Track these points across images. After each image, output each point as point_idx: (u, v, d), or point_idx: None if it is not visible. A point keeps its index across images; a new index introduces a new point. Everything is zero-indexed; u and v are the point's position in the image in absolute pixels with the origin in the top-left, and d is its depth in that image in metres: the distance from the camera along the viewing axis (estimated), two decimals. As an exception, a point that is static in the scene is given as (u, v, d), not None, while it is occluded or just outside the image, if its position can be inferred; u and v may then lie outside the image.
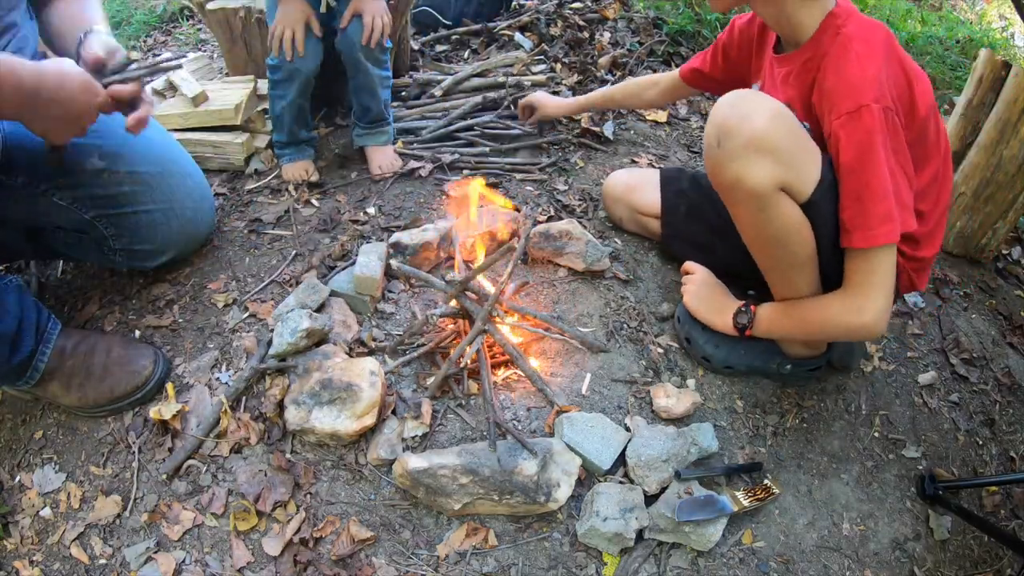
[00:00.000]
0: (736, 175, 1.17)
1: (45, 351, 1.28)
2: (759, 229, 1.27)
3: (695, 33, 2.98)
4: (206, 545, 1.21)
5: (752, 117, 1.14)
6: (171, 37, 3.45)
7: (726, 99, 1.20)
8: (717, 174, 1.22)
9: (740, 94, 1.20)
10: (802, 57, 1.28)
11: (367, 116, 2.00)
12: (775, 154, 1.15)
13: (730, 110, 1.17)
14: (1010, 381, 1.81)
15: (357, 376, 1.27)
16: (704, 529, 1.23)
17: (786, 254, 1.28)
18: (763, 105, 1.16)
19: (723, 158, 1.18)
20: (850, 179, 1.18)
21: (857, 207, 1.18)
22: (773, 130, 1.14)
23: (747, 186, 1.17)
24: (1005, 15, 5.47)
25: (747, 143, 1.14)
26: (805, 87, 1.27)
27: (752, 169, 1.15)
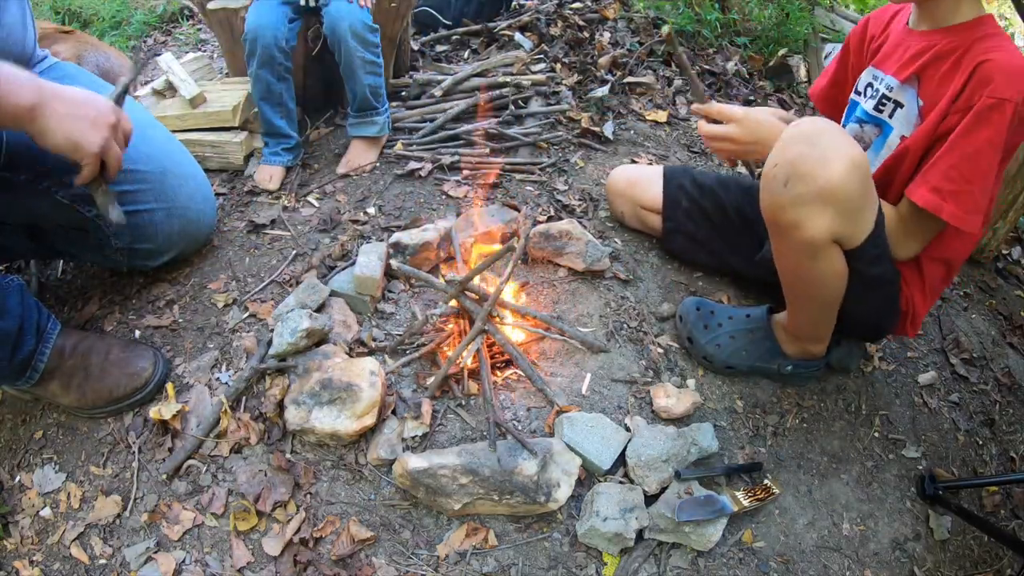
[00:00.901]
0: (796, 221, 1.12)
1: (45, 351, 1.28)
2: (799, 271, 1.25)
3: (695, 33, 2.98)
4: (206, 545, 1.21)
5: (830, 164, 1.06)
6: (171, 37, 3.45)
7: (803, 132, 1.11)
8: (775, 213, 1.16)
9: (819, 128, 1.11)
10: (954, 34, 1.24)
11: (354, 103, 2.00)
12: (842, 207, 1.09)
13: (808, 149, 1.08)
14: (1010, 381, 1.81)
15: (357, 376, 1.27)
16: (704, 529, 1.23)
17: (817, 294, 1.28)
18: (843, 150, 1.08)
19: (787, 202, 1.11)
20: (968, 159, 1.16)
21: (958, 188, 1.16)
22: (848, 182, 1.07)
23: (806, 235, 1.12)
24: (1005, 15, 5.48)
25: (819, 193, 1.07)
26: (952, 58, 1.22)
27: (815, 220, 1.10)
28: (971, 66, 1.17)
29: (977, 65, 1.16)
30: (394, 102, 2.36)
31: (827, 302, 1.30)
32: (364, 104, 1.99)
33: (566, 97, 2.38)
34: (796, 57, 3.13)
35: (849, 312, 1.33)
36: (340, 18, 1.85)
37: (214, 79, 2.35)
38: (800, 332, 1.43)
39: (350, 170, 2.01)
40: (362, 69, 1.93)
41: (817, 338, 1.44)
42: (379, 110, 2.03)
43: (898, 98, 1.32)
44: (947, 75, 1.23)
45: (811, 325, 1.40)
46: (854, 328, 1.43)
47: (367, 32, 1.90)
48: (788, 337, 1.46)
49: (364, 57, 1.92)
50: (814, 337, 1.43)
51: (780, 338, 1.47)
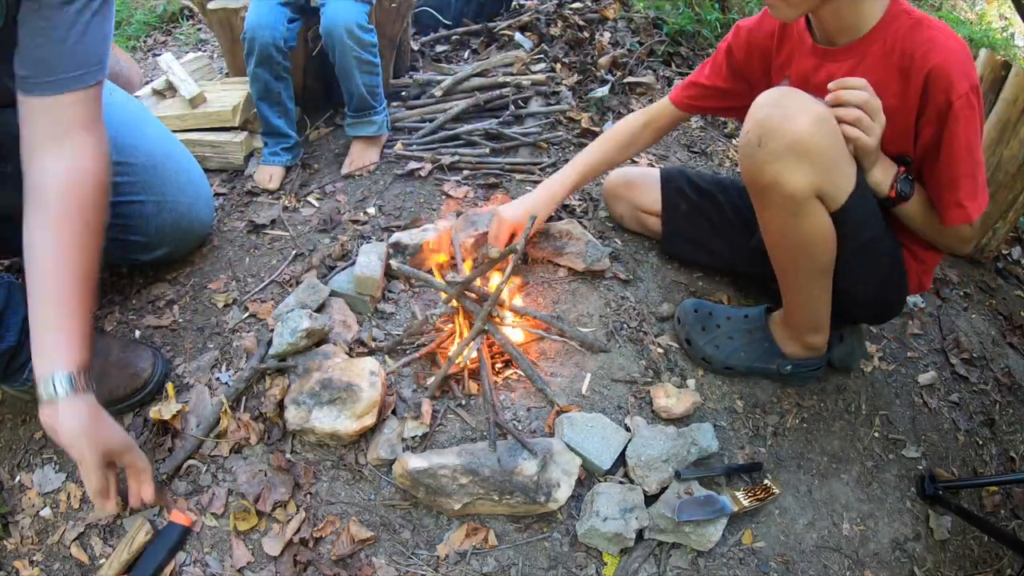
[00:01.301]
0: (774, 177, 1.15)
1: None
2: (787, 234, 1.26)
3: (695, 33, 2.98)
4: (206, 545, 1.21)
5: (796, 118, 1.10)
6: (171, 37, 3.45)
7: (769, 96, 1.16)
8: (754, 174, 1.19)
9: (783, 91, 1.16)
10: (875, 45, 1.22)
11: (351, 103, 2.00)
12: (816, 159, 1.12)
13: (773, 109, 1.13)
14: (1010, 381, 1.81)
15: (357, 376, 1.27)
16: (704, 529, 1.23)
17: (807, 260, 1.28)
18: (807, 106, 1.12)
19: (763, 159, 1.15)
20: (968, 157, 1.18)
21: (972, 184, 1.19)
22: (817, 134, 1.11)
23: (785, 190, 1.15)
24: (1005, 15, 5.48)
25: (789, 145, 1.11)
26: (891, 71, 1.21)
27: (792, 173, 1.13)
28: (921, 75, 1.17)
29: (928, 74, 1.16)
30: (394, 102, 2.36)
31: (818, 267, 1.28)
32: (362, 104, 1.99)
33: (566, 97, 2.38)
34: (796, 57, 3.13)
35: (852, 289, 1.32)
36: (336, 18, 1.85)
37: (214, 79, 2.35)
38: (797, 320, 1.42)
39: (353, 171, 2.01)
40: (358, 69, 1.93)
41: (816, 326, 1.41)
42: (377, 109, 2.03)
43: None
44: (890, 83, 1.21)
45: (808, 307, 1.38)
46: (861, 308, 1.42)
47: (362, 32, 1.90)
48: (787, 336, 1.45)
49: (360, 57, 1.92)
50: (812, 326, 1.41)
51: (779, 338, 1.47)
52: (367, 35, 1.92)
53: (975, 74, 1.15)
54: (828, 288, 1.32)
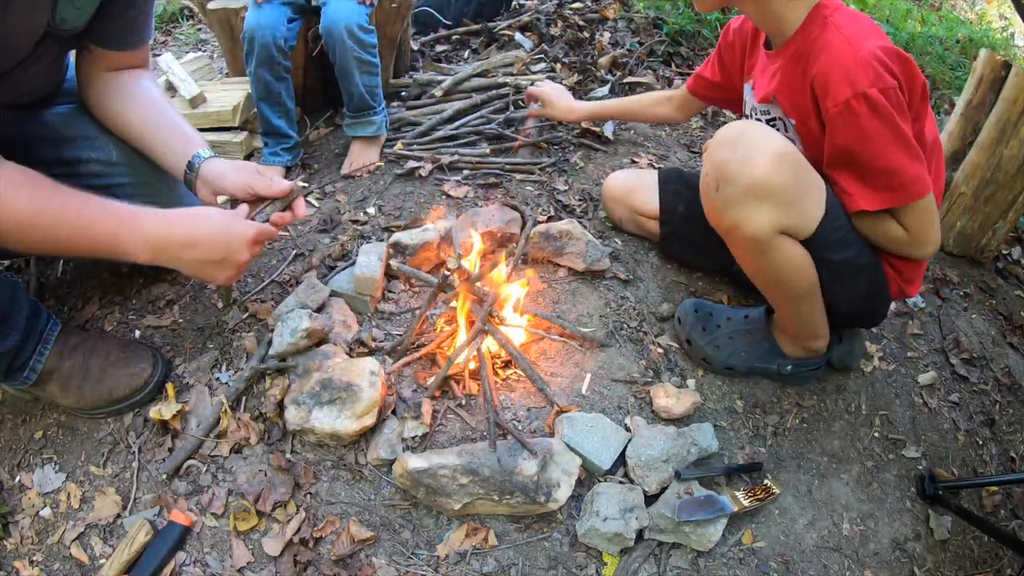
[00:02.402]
0: (734, 222, 1.15)
1: (44, 351, 1.28)
2: (759, 269, 1.27)
3: (695, 33, 2.98)
4: (206, 545, 1.21)
5: (753, 160, 1.09)
6: (171, 37, 3.45)
7: (725, 136, 1.15)
8: (715, 218, 1.20)
9: (740, 130, 1.15)
10: (790, 49, 1.25)
11: (351, 104, 2.00)
12: (776, 199, 1.11)
13: (730, 152, 1.12)
14: (1010, 381, 1.81)
15: (357, 376, 1.27)
16: (704, 529, 1.23)
17: (788, 288, 1.29)
18: (765, 146, 1.11)
19: (721, 204, 1.15)
20: (845, 160, 1.18)
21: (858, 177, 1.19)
22: (775, 174, 1.10)
23: (747, 233, 1.15)
24: (1005, 15, 5.48)
25: (746, 190, 1.10)
26: (796, 78, 1.24)
27: (751, 216, 1.12)
28: (809, 81, 1.19)
29: (812, 80, 1.17)
30: (394, 102, 2.36)
31: (800, 294, 1.29)
32: (361, 104, 1.99)
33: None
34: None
35: (834, 303, 1.33)
36: (336, 17, 1.85)
37: (214, 79, 2.35)
38: (795, 330, 1.43)
39: (353, 171, 2.01)
40: (358, 69, 1.93)
41: (814, 334, 1.43)
42: (376, 110, 2.03)
43: (777, 116, 1.35)
44: (801, 88, 1.23)
45: (800, 321, 1.40)
46: (846, 318, 1.43)
47: (363, 32, 1.90)
48: (787, 337, 1.46)
49: (360, 57, 1.92)
50: (811, 333, 1.43)
51: (779, 339, 1.47)
52: (367, 36, 1.92)
53: (870, 76, 1.11)
54: (817, 303, 1.33)
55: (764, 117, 1.40)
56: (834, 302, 1.34)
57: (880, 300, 1.39)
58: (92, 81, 1.34)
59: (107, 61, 1.32)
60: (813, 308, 1.34)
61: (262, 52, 1.84)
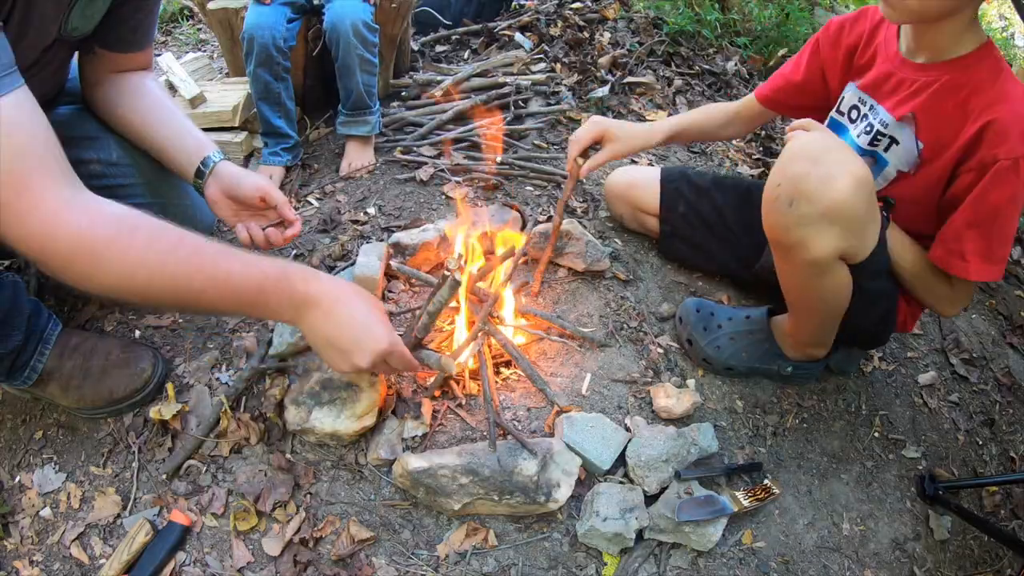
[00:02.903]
0: (802, 241, 1.10)
1: (45, 351, 1.28)
2: (805, 289, 1.25)
3: (695, 33, 2.98)
4: (206, 545, 1.21)
5: (836, 182, 1.04)
6: (171, 37, 3.45)
7: (806, 147, 1.09)
8: (779, 232, 1.13)
9: (823, 144, 1.09)
10: (953, 72, 1.19)
11: (348, 101, 2.00)
12: (848, 225, 1.08)
13: (811, 166, 1.06)
14: (1010, 381, 1.81)
15: (357, 376, 1.27)
16: (704, 529, 1.23)
17: (824, 309, 1.28)
18: (848, 167, 1.05)
19: (792, 222, 1.09)
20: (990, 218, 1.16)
21: (985, 243, 1.17)
22: (854, 200, 1.05)
23: (810, 255, 1.11)
24: (1005, 15, 5.48)
25: (824, 212, 1.05)
26: (951, 107, 1.19)
27: (821, 240, 1.08)
28: (981, 121, 1.14)
29: (988, 122, 1.13)
30: (394, 102, 2.36)
31: (832, 314, 1.30)
32: (358, 103, 2.00)
33: (566, 97, 2.38)
34: (796, 57, 3.13)
35: (849, 323, 1.33)
36: (343, 15, 1.86)
37: (214, 79, 2.35)
38: (803, 339, 1.43)
39: (351, 173, 2.02)
40: (359, 67, 1.93)
41: (821, 344, 1.44)
42: (371, 109, 2.04)
43: (894, 134, 1.29)
44: (951, 118, 1.19)
45: (815, 334, 1.40)
46: (852, 338, 1.44)
47: (367, 31, 1.91)
48: (789, 341, 1.45)
49: (363, 55, 1.92)
50: (818, 343, 1.44)
51: (780, 340, 1.47)
52: (371, 34, 1.93)
53: None
54: (838, 321, 1.33)
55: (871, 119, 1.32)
56: (850, 322, 1.32)
57: (888, 327, 1.40)
58: (98, 82, 1.34)
59: (112, 63, 1.33)
60: (833, 325, 1.34)
61: (261, 52, 1.84)
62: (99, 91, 1.35)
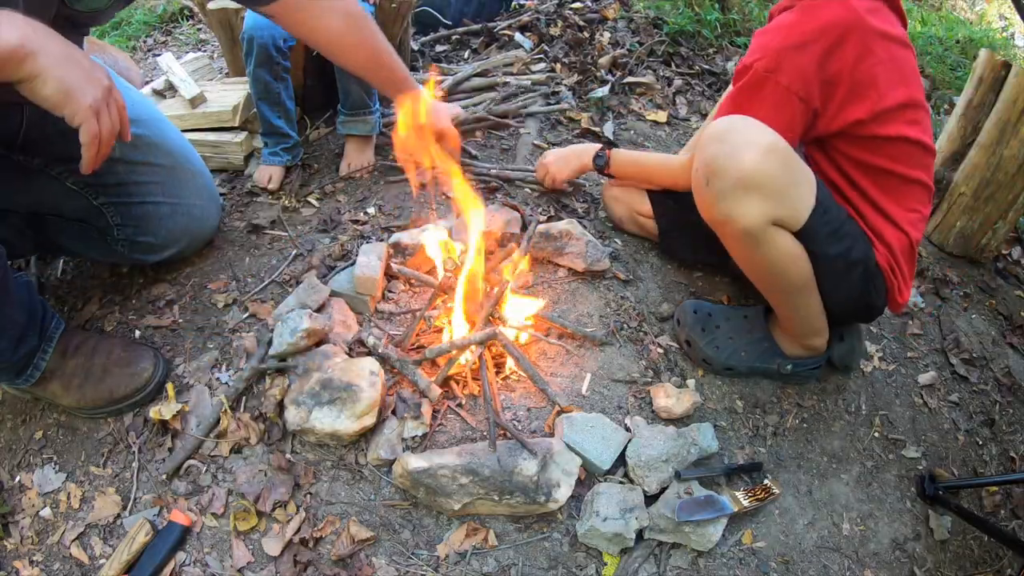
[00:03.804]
0: (726, 215, 1.17)
1: (47, 350, 1.28)
2: (753, 262, 1.28)
3: (695, 33, 2.98)
4: (206, 545, 1.21)
5: (742, 154, 1.12)
6: (171, 37, 3.46)
7: (715, 131, 1.17)
8: (706, 211, 1.22)
9: (730, 124, 1.17)
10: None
11: (348, 101, 2.00)
12: (766, 191, 1.13)
13: (719, 146, 1.15)
14: (1010, 381, 1.81)
15: (357, 376, 1.27)
16: (704, 529, 1.23)
17: (783, 281, 1.30)
18: (754, 138, 1.13)
19: (711, 198, 1.17)
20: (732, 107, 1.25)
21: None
22: (765, 166, 1.12)
23: (739, 225, 1.17)
24: (1005, 15, 5.48)
25: (736, 183, 1.12)
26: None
27: (742, 208, 1.14)
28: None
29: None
30: (394, 102, 2.36)
31: (796, 287, 1.30)
32: (358, 102, 1.99)
33: (566, 97, 2.38)
34: (796, 57, 3.13)
35: (830, 299, 1.33)
36: None
37: (214, 79, 2.35)
38: (794, 328, 1.43)
39: (352, 173, 2.02)
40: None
41: (813, 331, 1.43)
42: (371, 109, 2.03)
43: None
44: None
45: (798, 317, 1.40)
46: (844, 315, 1.43)
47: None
48: (786, 337, 1.46)
49: None
50: (810, 330, 1.43)
51: (778, 338, 1.47)
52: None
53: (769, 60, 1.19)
54: (814, 298, 1.33)
55: None
56: (830, 299, 1.34)
57: (875, 293, 1.38)
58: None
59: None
60: (810, 303, 1.34)
61: (261, 52, 1.84)
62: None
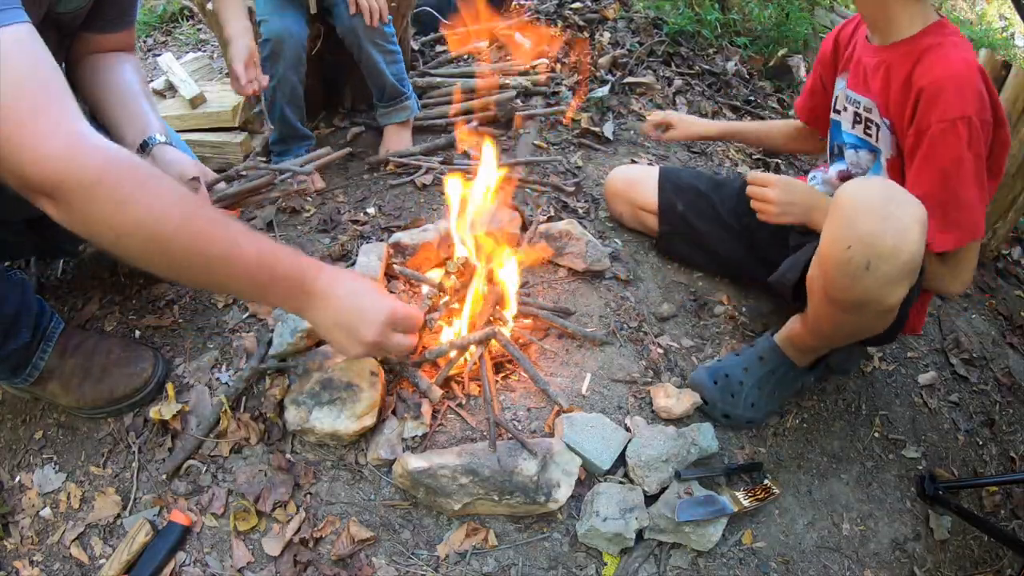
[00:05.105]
0: (879, 298, 1.07)
1: (47, 349, 1.28)
2: (853, 327, 1.21)
3: (695, 33, 2.98)
4: (206, 545, 1.21)
5: (909, 234, 1.00)
6: (171, 37, 3.46)
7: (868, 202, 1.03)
8: (855, 295, 1.08)
9: (886, 194, 1.04)
10: (901, 49, 1.23)
11: (382, 95, 2.02)
12: (918, 270, 1.05)
13: (883, 224, 1.00)
14: (1010, 381, 1.81)
15: (357, 376, 1.27)
16: (704, 529, 1.23)
17: (858, 335, 1.26)
18: (912, 212, 1.01)
19: (872, 284, 1.04)
20: (938, 184, 1.14)
21: (940, 211, 1.13)
22: (922, 245, 1.02)
23: (885, 307, 1.09)
24: (1005, 15, 5.48)
25: (902, 268, 1.02)
26: (897, 81, 1.22)
27: (898, 291, 1.05)
28: (916, 89, 1.16)
29: (921, 89, 1.15)
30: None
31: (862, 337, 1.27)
32: (393, 93, 2.02)
33: (566, 97, 2.38)
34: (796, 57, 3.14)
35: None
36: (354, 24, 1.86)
37: (214, 79, 2.35)
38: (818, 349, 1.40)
39: (390, 156, 2.02)
40: (385, 62, 1.96)
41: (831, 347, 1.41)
42: (407, 94, 2.06)
43: (872, 118, 1.32)
44: (901, 94, 1.22)
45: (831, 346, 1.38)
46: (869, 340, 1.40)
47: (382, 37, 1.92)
48: (797, 351, 1.41)
49: (384, 48, 1.95)
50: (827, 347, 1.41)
51: (792, 355, 1.42)
52: (386, 27, 1.94)
53: (976, 105, 1.09)
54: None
55: (853, 108, 1.37)
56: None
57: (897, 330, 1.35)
58: (78, 61, 1.35)
59: (94, 44, 1.34)
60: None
61: (293, 55, 1.85)
62: (77, 71, 1.34)
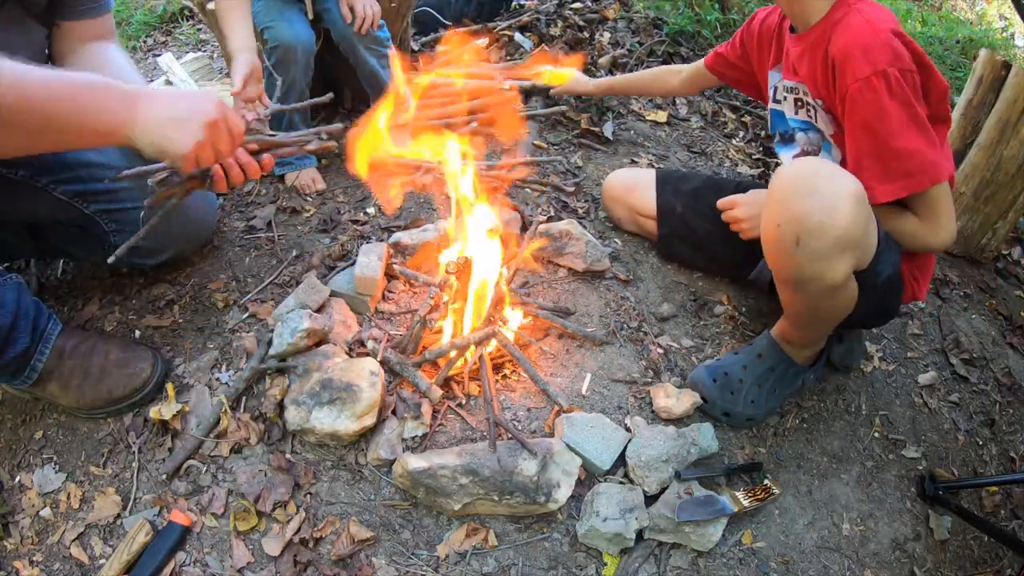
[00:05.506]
0: (816, 274, 1.08)
1: (44, 351, 1.28)
2: (817, 309, 1.23)
3: (695, 33, 2.98)
4: (206, 545, 1.21)
5: (838, 210, 1.01)
6: (171, 37, 3.45)
7: (796, 182, 1.05)
8: (790, 272, 1.12)
9: (812, 171, 1.06)
10: (814, 33, 1.28)
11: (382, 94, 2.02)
12: (857, 244, 1.07)
13: (809, 201, 1.02)
14: (1010, 381, 1.81)
15: (357, 376, 1.27)
16: (704, 529, 1.23)
17: (832, 317, 1.27)
18: (843, 188, 1.03)
19: (803, 260, 1.06)
20: (866, 139, 1.17)
21: (879, 164, 1.16)
22: (858, 219, 1.03)
23: (826, 283, 1.10)
24: (1005, 15, 5.48)
25: (835, 243, 1.03)
26: (817, 61, 1.26)
27: (836, 267, 1.06)
28: (831, 62, 1.21)
29: (833, 58, 1.19)
30: (394, 102, 2.36)
31: (841, 319, 1.28)
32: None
33: (566, 97, 2.37)
34: (796, 57, 3.13)
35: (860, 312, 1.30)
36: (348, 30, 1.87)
37: (214, 79, 2.35)
38: (809, 342, 1.41)
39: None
40: (380, 66, 1.95)
41: (823, 338, 1.43)
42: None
43: (809, 100, 1.36)
44: (823, 73, 1.26)
45: (822, 335, 1.40)
46: (865, 322, 1.44)
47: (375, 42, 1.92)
48: (792, 347, 1.42)
49: (380, 52, 1.94)
50: (821, 339, 1.43)
51: (790, 352, 1.42)
52: (380, 32, 1.94)
53: (888, 57, 1.12)
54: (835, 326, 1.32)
55: (792, 95, 1.41)
56: (866, 311, 1.30)
57: (895, 302, 1.38)
58: (63, 56, 1.36)
59: (74, 33, 1.35)
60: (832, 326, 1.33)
61: (305, 60, 1.86)
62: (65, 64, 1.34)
